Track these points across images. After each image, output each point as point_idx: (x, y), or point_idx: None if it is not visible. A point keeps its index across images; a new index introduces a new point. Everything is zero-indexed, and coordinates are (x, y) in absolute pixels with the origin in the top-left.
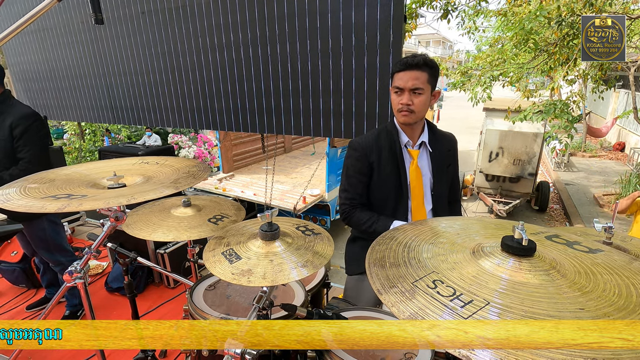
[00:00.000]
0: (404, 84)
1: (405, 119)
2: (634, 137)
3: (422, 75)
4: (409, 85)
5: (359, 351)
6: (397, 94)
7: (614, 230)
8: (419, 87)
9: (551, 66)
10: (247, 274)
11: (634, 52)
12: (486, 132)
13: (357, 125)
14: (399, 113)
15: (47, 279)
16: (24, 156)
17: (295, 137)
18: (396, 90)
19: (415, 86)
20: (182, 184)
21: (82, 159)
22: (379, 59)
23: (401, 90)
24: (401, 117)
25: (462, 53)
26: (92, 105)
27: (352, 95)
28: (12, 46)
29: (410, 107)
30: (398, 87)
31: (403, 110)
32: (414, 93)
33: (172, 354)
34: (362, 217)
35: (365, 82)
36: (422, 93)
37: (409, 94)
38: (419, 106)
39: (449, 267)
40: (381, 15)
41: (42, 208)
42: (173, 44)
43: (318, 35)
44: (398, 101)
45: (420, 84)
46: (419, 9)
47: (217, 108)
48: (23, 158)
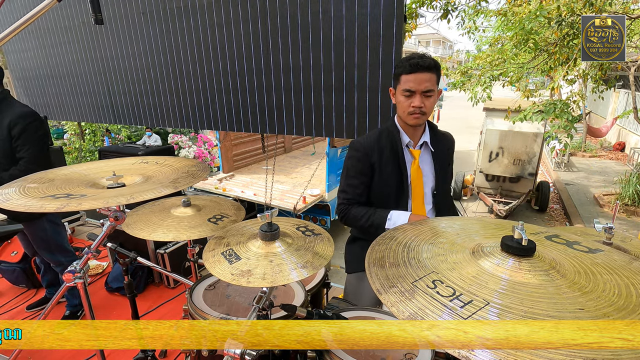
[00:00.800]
0: (416, 86)
1: (417, 121)
2: (634, 137)
3: (432, 77)
4: (422, 88)
5: (359, 351)
6: (407, 96)
7: (614, 230)
8: (430, 89)
9: (551, 66)
10: (247, 274)
11: (634, 52)
12: (486, 132)
13: (359, 126)
14: (410, 116)
15: (48, 279)
16: (23, 155)
17: (295, 137)
18: (407, 93)
19: (427, 88)
20: (182, 184)
21: (82, 159)
22: (380, 59)
23: (412, 93)
24: (412, 120)
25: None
26: (92, 105)
27: (353, 95)
28: (12, 46)
29: (422, 109)
30: (409, 90)
31: (415, 113)
32: (425, 95)
33: (172, 354)
34: (359, 213)
35: (366, 82)
36: (432, 95)
37: (421, 97)
38: (430, 108)
39: (448, 267)
40: (382, 15)
41: (41, 208)
42: (173, 44)
43: (318, 35)
44: (409, 104)
45: (431, 86)
46: (419, 9)
47: (217, 108)
48: (22, 157)
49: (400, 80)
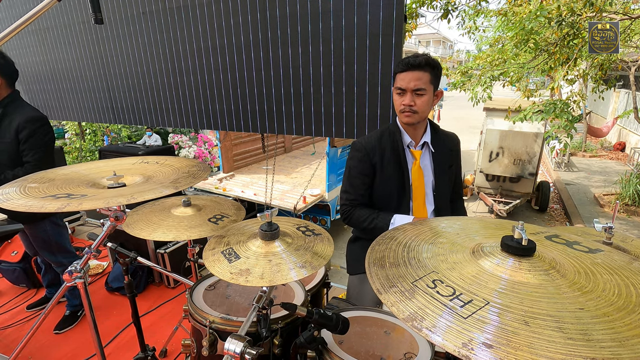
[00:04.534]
0: (405, 84)
1: (408, 119)
2: (635, 137)
3: (425, 75)
4: (411, 86)
5: (358, 351)
6: (399, 94)
7: (614, 230)
8: (421, 87)
9: (551, 66)
10: (245, 273)
11: (635, 52)
12: (486, 132)
13: (359, 126)
14: (402, 114)
15: (49, 279)
16: (29, 160)
17: (296, 137)
18: (398, 91)
19: (417, 87)
20: (182, 184)
21: (83, 159)
22: (380, 59)
23: (403, 91)
24: (404, 118)
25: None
26: (92, 105)
27: (353, 95)
28: (12, 47)
29: (413, 107)
30: (400, 88)
31: (406, 111)
32: (416, 94)
33: (172, 354)
34: (362, 215)
35: (366, 82)
36: (424, 94)
37: (411, 95)
38: (422, 107)
39: (448, 266)
40: (382, 15)
41: (42, 207)
42: (174, 43)
43: (318, 35)
44: (400, 102)
45: (422, 84)
46: (419, 9)
47: (217, 108)
48: (29, 162)
49: (396, 79)
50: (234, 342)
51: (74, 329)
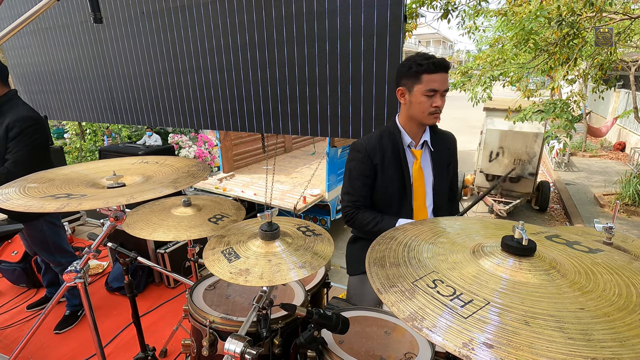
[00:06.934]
0: (439, 86)
1: (435, 121)
2: (635, 137)
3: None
4: (443, 88)
5: (359, 351)
6: (429, 96)
7: (614, 230)
8: (447, 88)
9: (551, 66)
10: (245, 273)
11: (635, 52)
12: (486, 132)
13: (358, 126)
14: (431, 116)
15: (49, 279)
16: (8, 157)
17: (296, 137)
18: (430, 93)
19: (446, 88)
20: (182, 184)
21: (83, 159)
22: (380, 59)
23: (435, 92)
24: (432, 120)
25: (462, 53)
26: (92, 105)
27: (354, 94)
28: (13, 47)
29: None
30: (433, 90)
31: (436, 113)
32: (441, 95)
33: (172, 354)
34: (366, 218)
35: (366, 81)
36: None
37: (441, 96)
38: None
39: (449, 266)
40: (382, 15)
41: (42, 207)
42: (174, 43)
43: (319, 35)
44: (430, 104)
45: (447, 85)
46: (419, 9)
47: (217, 108)
48: (7, 159)
49: (421, 79)
50: (234, 342)
51: (74, 329)
